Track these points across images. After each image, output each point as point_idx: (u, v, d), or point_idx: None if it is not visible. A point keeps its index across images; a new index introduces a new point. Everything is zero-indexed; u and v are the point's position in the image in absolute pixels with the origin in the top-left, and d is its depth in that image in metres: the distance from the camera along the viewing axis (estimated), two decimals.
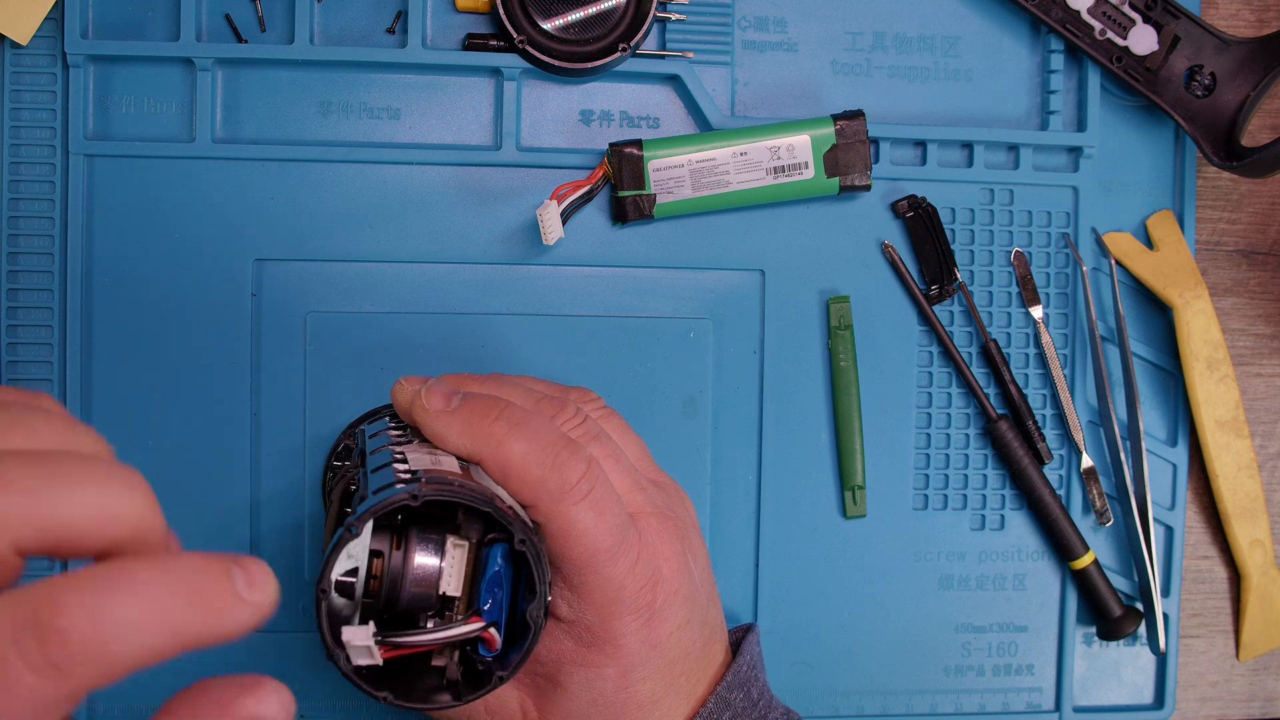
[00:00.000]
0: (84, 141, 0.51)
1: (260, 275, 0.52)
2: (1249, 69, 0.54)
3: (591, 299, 0.54)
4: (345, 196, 0.52)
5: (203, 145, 0.51)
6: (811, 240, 0.55)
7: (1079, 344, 0.57)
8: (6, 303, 0.51)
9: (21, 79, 0.51)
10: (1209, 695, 0.60)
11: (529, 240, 0.53)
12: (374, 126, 0.53)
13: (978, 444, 0.56)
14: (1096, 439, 0.57)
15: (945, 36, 0.56)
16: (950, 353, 0.55)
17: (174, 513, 0.53)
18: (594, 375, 0.54)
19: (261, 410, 0.52)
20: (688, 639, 0.41)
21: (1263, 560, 0.58)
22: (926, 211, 0.55)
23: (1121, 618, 0.55)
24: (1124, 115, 0.57)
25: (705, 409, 0.54)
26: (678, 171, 0.52)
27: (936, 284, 0.55)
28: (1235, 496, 0.57)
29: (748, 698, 0.43)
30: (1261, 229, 0.60)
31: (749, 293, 0.55)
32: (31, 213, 0.51)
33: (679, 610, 0.40)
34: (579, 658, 0.39)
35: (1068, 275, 0.57)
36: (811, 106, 0.55)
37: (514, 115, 0.53)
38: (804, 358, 0.55)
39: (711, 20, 0.54)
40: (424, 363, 0.53)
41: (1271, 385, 0.60)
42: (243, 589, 0.24)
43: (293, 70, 0.52)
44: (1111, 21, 0.54)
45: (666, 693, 0.40)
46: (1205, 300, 0.56)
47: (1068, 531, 0.55)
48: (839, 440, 0.55)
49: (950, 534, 0.56)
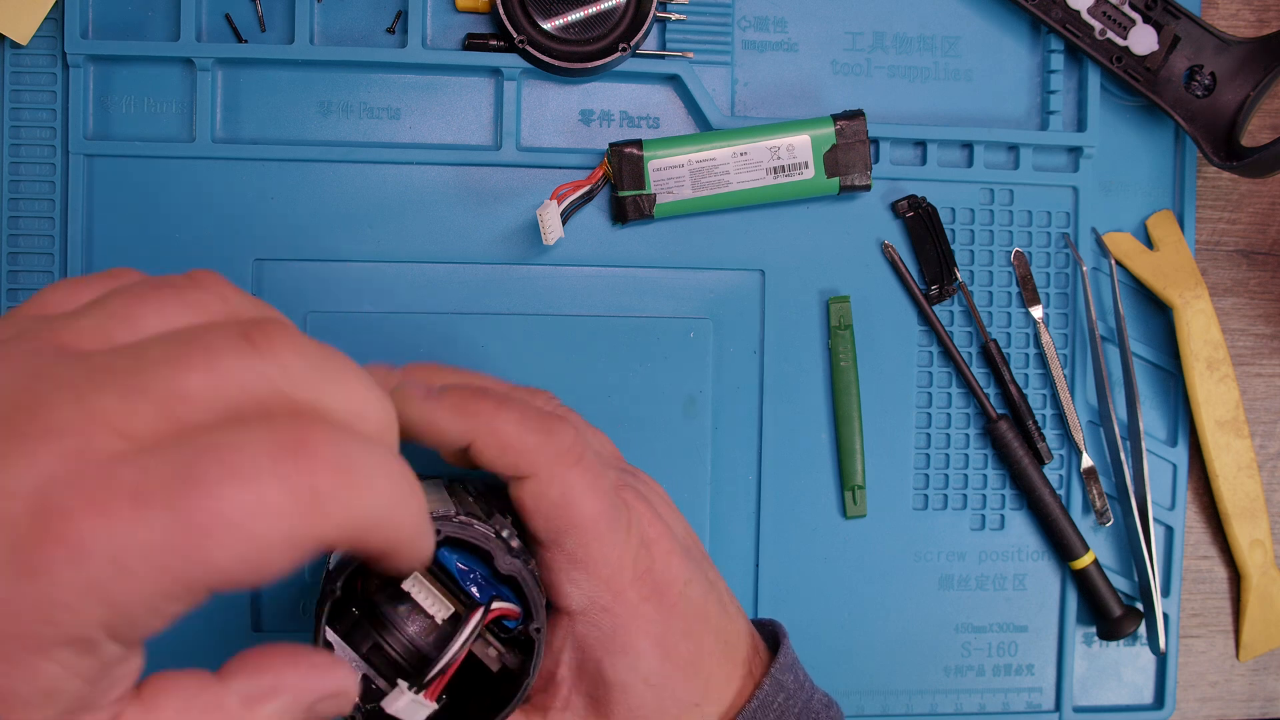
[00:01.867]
0: (84, 141, 0.51)
1: (260, 275, 0.52)
2: (1249, 69, 0.54)
3: (591, 299, 0.54)
4: (345, 196, 0.52)
5: (203, 145, 0.51)
6: (811, 240, 0.55)
7: (1079, 344, 0.57)
8: (6, 303, 0.51)
9: (21, 79, 0.51)
10: (1209, 695, 0.60)
11: (529, 240, 0.53)
12: (374, 126, 0.53)
13: (978, 444, 0.56)
14: (1096, 439, 0.57)
15: (945, 36, 0.56)
16: (950, 353, 0.55)
17: None
18: (594, 375, 0.54)
19: None
20: (698, 596, 0.41)
21: (1263, 560, 0.58)
22: (926, 211, 0.55)
23: (1121, 618, 0.55)
24: (1124, 115, 0.57)
25: (705, 409, 0.54)
26: (678, 171, 0.52)
27: (936, 284, 0.55)
28: (1235, 496, 0.57)
29: (796, 679, 0.43)
30: (1261, 229, 0.60)
31: (749, 293, 0.55)
32: (31, 213, 0.51)
33: (678, 568, 0.40)
34: (609, 644, 0.39)
35: (1068, 275, 0.57)
36: (811, 106, 0.55)
37: (514, 115, 0.53)
38: (804, 358, 0.55)
39: (711, 20, 0.54)
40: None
41: (1271, 385, 0.60)
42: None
43: (293, 70, 0.52)
44: (1111, 21, 0.54)
45: (702, 655, 0.41)
46: (1205, 300, 0.56)
47: (1068, 531, 0.55)
48: (839, 440, 0.55)
49: (950, 534, 0.56)
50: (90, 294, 0.25)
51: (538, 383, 0.53)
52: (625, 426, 0.54)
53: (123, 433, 0.21)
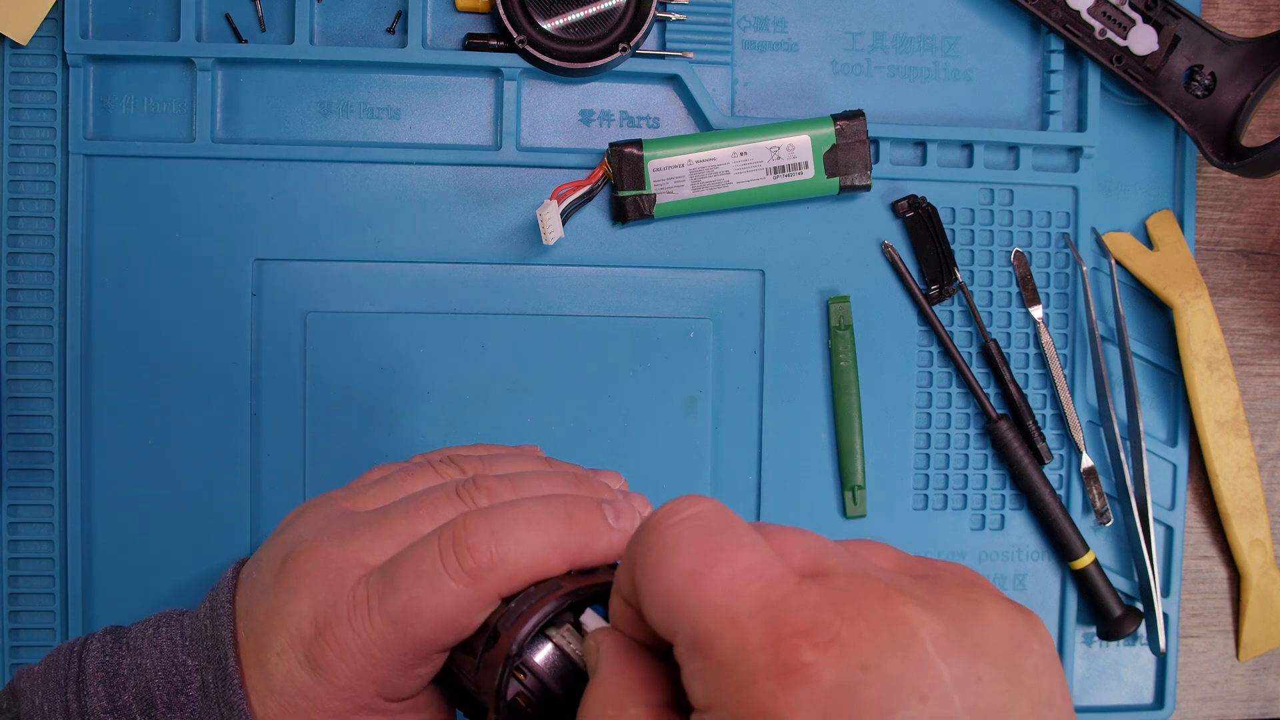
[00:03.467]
0: (84, 141, 0.51)
1: (260, 275, 0.52)
2: (1249, 69, 0.54)
3: (591, 299, 0.54)
4: (345, 196, 0.52)
5: (203, 145, 0.51)
6: (811, 240, 0.55)
7: (1079, 344, 0.57)
8: (6, 303, 0.51)
9: (21, 79, 0.51)
10: (1209, 695, 0.60)
11: (529, 240, 0.53)
12: (374, 126, 0.53)
13: (978, 444, 0.56)
14: (1096, 439, 0.57)
15: (945, 36, 0.56)
16: (950, 353, 0.55)
17: (174, 513, 0.53)
18: (594, 375, 0.54)
19: (261, 410, 0.52)
20: None
21: (1263, 560, 0.58)
22: (926, 211, 0.55)
23: (1121, 618, 0.55)
24: (1124, 115, 0.57)
25: (705, 409, 0.54)
26: (678, 171, 0.52)
27: (936, 284, 0.55)
28: (1235, 496, 0.57)
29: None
30: (1261, 229, 0.60)
31: (749, 293, 0.55)
32: (31, 213, 0.51)
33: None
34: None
35: (1068, 275, 0.57)
36: (811, 106, 0.55)
37: (514, 115, 0.53)
38: (804, 358, 0.55)
39: (711, 20, 0.54)
40: (424, 362, 0.53)
41: (1271, 385, 0.60)
42: (611, 519, 0.31)
43: (293, 70, 0.52)
44: (1111, 21, 0.54)
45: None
46: (1205, 300, 0.56)
47: (1068, 531, 0.55)
48: (839, 440, 0.55)
49: (950, 534, 0.56)
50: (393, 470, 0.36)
51: (538, 382, 0.53)
52: (625, 426, 0.54)
53: (367, 565, 0.31)
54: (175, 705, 0.30)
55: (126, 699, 0.30)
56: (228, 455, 0.52)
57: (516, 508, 0.31)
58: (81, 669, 0.31)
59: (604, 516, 0.31)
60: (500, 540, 0.30)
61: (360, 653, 0.29)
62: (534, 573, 0.30)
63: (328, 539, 0.31)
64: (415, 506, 0.32)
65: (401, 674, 0.30)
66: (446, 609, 0.29)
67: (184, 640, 0.32)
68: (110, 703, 0.30)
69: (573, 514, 0.31)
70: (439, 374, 0.53)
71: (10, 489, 0.51)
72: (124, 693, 0.31)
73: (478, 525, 0.30)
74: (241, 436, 0.52)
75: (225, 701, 0.30)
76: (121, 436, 0.51)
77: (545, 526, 0.30)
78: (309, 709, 0.30)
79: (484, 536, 0.30)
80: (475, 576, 0.29)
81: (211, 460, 0.52)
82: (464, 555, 0.29)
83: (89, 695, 0.30)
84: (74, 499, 0.51)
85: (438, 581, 0.29)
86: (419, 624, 0.29)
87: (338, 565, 0.31)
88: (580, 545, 0.30)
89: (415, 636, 0.29)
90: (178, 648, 0.31)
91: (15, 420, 0.51)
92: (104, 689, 0.31)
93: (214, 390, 0.52)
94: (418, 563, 0.30)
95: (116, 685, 0.31)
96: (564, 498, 0.31)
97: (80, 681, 0.31)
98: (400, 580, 0.30)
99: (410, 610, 0.29)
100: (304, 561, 0.31)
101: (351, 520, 0.32)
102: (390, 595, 0.30)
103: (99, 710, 0.30)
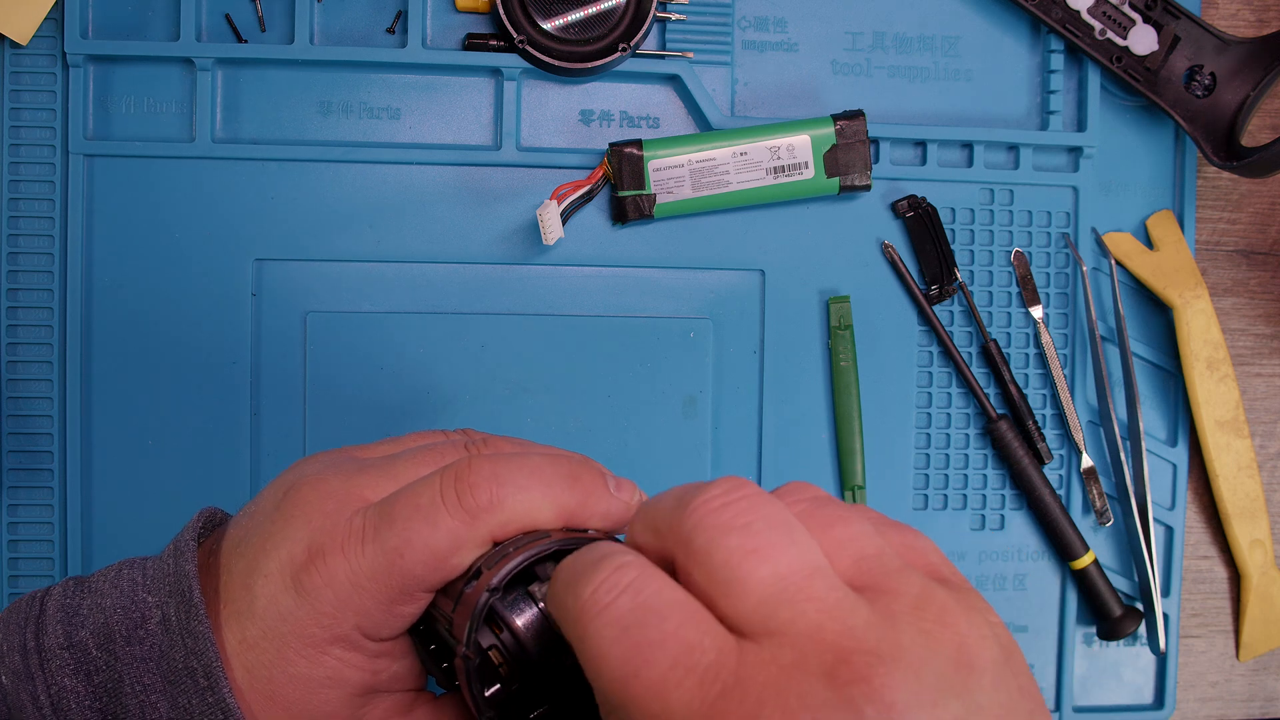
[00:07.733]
0: (84, 141, 0.51)
1: (260, 275, 0.52)
2: (1249, 69, 0.54)
3: (591, 299, 0.54)
4: (345, 196, 0.52)
5: (203, 145, 0.51)
6: (811, 240, 0.55)
7: (1079, 344, 0.57)
8: (6, 303, 0.51)
9: (21, 79, 0.51)
10: (1209, 695, 0.60)
11: (529, 240, 0.53)
12: (374, 126, 0.53)
13: (978, 444, 0.56)
14: (1096, 439, 0.57)
15: (945, 36, 0.56)
16: (950, 353, 0.55)
17: (174, 513, 0.53)
18: (594, 375, 0.54)
19: (261, 410, 0.52)
20: None
21: (1263, 560, 0.58)
22: (926, 211, 0.55)
23: (1121, 618, 0.55)
24: (1124, 115, 0.57)
25: (705, 409, 0.54)
26: (678, 171, 0.52)
27: (936, 284, 0.55)
28: (1235, 496, 0.57)
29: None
30: (1261, 229, 0.60)
31: (749, 293, 0.55)
32: (31, 213, 0.51)
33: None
34: None
35: (1068, 275, 0.57)
36: (811, 106, 0.55)
37: (514, 115, 0.53)
38: (804, 358, 0.55)
39: (711, 20, 0.54)
40: (424, 362, 0.53)
41: (1271, 385, 0.60)
42: (612, 488, 0.31)
43: (293, 70, 0.52)
44: (1111, 21, 0.54)
45: None
46: (1205, 300, 0.56)
47: (1068, 531, 0.55)
48: (839, 440, 0.55)
49: (950, 534, 0.56)
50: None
51: (538, 382, 0.53)
52: (625, 426, 0.54)
53: (368, 500, 0.31)
54: (135, 639, 0.30)
55: (83, 635, 0.30)
56: (228, 455, 0.52)
57: (522, 457, 0.31)
58: (43, 611, 0.31)
59: (606, 482, 0.31)
60: (501, 483, 0.30)
61: (348, 581, 0.29)
62: (529, 521, 0.30)
63: (332, 473, 0.32)
64: (423, 454, 0.33)
65: (384, 609, 0.30)
66: (439, 543, 0.29)
67: (145, 580, 0.31)
68: (67, 639, 0.30)
69: (576, 473, 0.31)
70: (439, 374, 0.53)
71: (10, 489, 0.51)
72: (81, 629, 0.31)
73: (481, 466, 0.30)
74: (241, 437, 0.52)
75: (189, 631, 0.30)
76: (121, 436, 0.51)
77: (547, 478, 0.31)
78: (286, 633, 0.30)
79: (486, 477, 0.30)
80: (472, 514, 0.30)
81: (211, 460, 0.52)
82: (464, 493, 0.30)
83: (46, 634, 0.30)
84: (74, 499, 0.51)
85: (434, 514, 0.29)
86: (409, 556, 0.29)
87: (339, 497, 0.31)
88: (579, 504, 0.31)
89: (404, 569, 0.29)
90: (139, 586, 0.31)
91: (15, 420, 0.51)
92: (62, 628, 0.31)
93: (214, 390, 0.52)
94: (417, 496, 0.30)
95: (75, 624, 0.31)
96: (569, 456, 0.32)
97: (40, 622, 0.31)
98: (397, 513, 0.30)
99: (403, 541, 0.29)
100: (306, 492, 0.31)
101: (358, 462, 0.33)
102: (386, 527, 0.30)
103: (55, 647, 0.30)
